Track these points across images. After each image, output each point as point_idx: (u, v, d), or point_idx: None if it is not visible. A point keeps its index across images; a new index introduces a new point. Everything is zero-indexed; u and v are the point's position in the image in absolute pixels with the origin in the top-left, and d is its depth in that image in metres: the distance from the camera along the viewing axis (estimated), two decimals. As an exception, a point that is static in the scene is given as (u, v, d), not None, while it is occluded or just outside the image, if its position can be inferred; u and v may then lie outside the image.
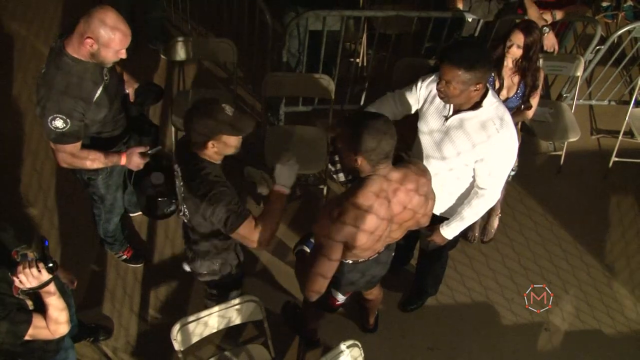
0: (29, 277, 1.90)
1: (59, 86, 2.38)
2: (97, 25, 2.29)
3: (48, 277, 1.95)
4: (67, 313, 2.10)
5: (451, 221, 2.73)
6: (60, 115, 2.39)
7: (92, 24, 2.29)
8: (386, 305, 3.48)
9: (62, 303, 2.08)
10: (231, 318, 2.66)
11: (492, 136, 2.39)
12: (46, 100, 2.39)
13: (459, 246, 3.68)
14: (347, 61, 4.07)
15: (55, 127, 2.42)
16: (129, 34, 2.37)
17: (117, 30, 2.32)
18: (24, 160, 3.83)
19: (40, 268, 1.92)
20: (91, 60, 2.41)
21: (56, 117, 2.39)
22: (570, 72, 3.98)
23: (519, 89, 3.23)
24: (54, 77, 2.39)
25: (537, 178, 4.14)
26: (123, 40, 2.36)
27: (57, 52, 2.41)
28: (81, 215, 3.53)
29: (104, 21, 2.30)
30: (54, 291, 2.02)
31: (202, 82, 4.26)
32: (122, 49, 2.38)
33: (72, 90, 2.40)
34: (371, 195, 2.13)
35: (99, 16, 2.30)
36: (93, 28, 2.30)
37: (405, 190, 2.21)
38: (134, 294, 3.40)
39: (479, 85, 2.30)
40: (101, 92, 2.51)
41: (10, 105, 4.06)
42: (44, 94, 2.40)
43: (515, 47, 3.07)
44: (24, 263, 1.90)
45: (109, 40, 2.32)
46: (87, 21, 2.30)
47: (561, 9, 3.78)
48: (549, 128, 3.95)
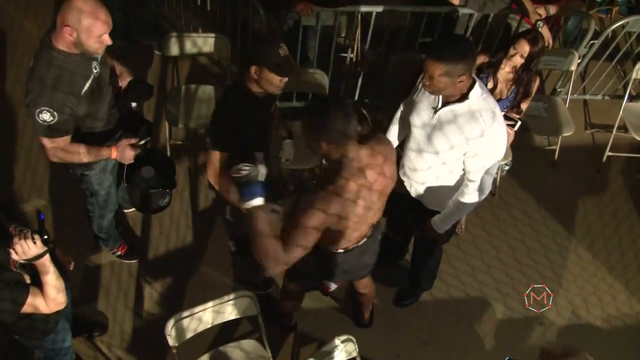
0: (24, 248, 1.95)
1: (46, 79, 2.37)
2: (74, 13, 2.27)
3: (43, 248, 2.00)
4: (63, 288, 2.15)
5: (443, 214, 2.74)
6: (47, 108, 2.37)
7: (69, 13, 2.27)
8: (381, 300, 3.48)
9: (59, 278, 2.12)
10: (225, 313, 2.67)
11: (485, 131, 2.40)
12: (34, 93, 2.38)
13: (454, 241, 3.69)
14: (341, 56, 4.06)
15: (42, 120, 2.39)
16: (108, 18, 2.34)
17: (95, 15, 2.29)
18: (17, 156, 3.81)
19: (35, 239, 1.97)
20: (76, 50, 2.38)
21: (43, 110, 2.37)
22: (564, 66, 3.98)
23: (511, 93, 3.23)
24: (41, 70, 2.38)
25: (531, 172, 4.15)
26: (102, 26, 2.32)
27: (44, 46, 2.40)
28: (75, 211, 3.51)
29: (80, 8, 2.27)
30: (50, 264, 2.07)
31: (196, 77, 4.24)
32: (104, 34, 2.35)
33: (59, 84, 2.38)
34: (347, 177, 2.16)
35: (75, 4, 2.27)
36: (70, 16, 2.27)
37: (376, 163, 2.24)
38: (129, 290, 3.39)
39: (462, 77, 2.32)
40: (90, 85, 2.49)
41: (3, 100, 4.04)
42: (31, 87, 2.39)
43: (519, 56, 3.07)
44: (20, 234, 1.95)
45: (88, 26, 2.29)
46: (65, 10, 2.28)
47: (555, 4, 3.77)
48: (543, 123, 3.95)
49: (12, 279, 2.04)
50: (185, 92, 3.72)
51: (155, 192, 2.78)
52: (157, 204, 2.84)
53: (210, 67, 4.37)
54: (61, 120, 2.42)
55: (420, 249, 3.26)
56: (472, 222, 3.84)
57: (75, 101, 2.45)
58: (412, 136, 2.64)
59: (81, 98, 2.47)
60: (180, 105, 3.66)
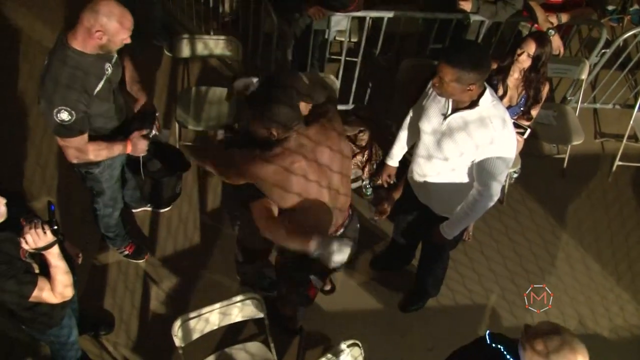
0: (34, 237, 1.99)
1: (62, 79, 2.40)
2: (105, 18, 2.35)
3: (53, 238, 2.04)
4: (71, 279, 2.18)
5: (451, 220, 2.74)
6: (65, 108, 2.41)
7: (99, 18, 2.35)
8: (386, 305, 3.48)
9: (67, 269, 2.15)
10: (232, 315, 2.67)
11: (494, 137, 2.40)
12: (51, 93, 2.41)
13: (461, 247, 3.68)
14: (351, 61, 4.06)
15: (61, 120, 2.43)
16: (131, 19, 2.45)
17: (123, 19, 2.40)
18: (28, 154, 3.83)
19: (45, 229, 2.01)
20: (98, 51, 2.45)
21: (61, 110, 2.41)
22: (575, 75, 3.97)
23: (521, 99, 3.23)
24: (56, 68, 2.42)
25: (540, 180, 4.14)
26: (129, 28, 2.43)
27: (60, 45, 2.44)
28: (84, 210, 3.53)
29: (111, 13, 2.36)
30: (59, 254, 2.10)
31: (206, 79, 4.26)
32: (127, 36, 2.46)
33: (73, 82, 2.42)
34: (290, 152, 2.23)
35: (104, 9, 2.36)
36: (101, 21, 2.35)
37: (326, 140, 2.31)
38: (136, 289, 3.40)
39: (472, 86, 2.32)
40: (103, 85, 2.53)
41: (15, 98, 4.07)
42: (48, 87, 2.42)
43: (526, 55, 3.07)
44: (30, 224, 2.00)
45: (117, 30, 2.39)
46: (94, 15, 2.35)
47: (567, 12, 3.77)
48: (553, 131, 3.94)
49: (21, 268, 2.08)
50: (196, 94, 3.74)
51: (166, 180, 2.82)
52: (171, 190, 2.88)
53: (220, 69, 4.38)
54: (78, 119, 2.46)
55: (428, 255, 3.25)
56: (479, 229, 3.83)
57: (88, 100, 2.48)
58: (422, 142, 2.64)
59: (94, 97, 2.50)
60: (190, 106, 3.67)
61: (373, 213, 3.68)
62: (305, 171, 2.26)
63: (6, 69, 4.22)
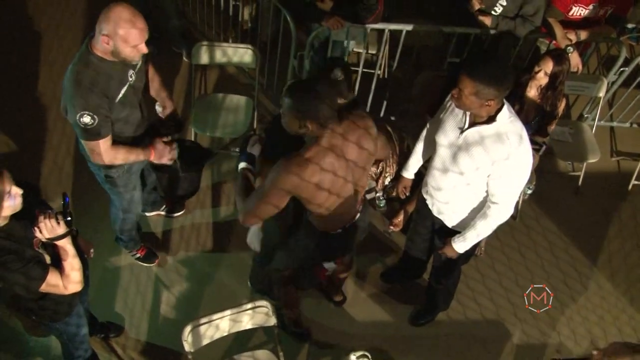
0: (48, 227, 2.06)
1: (85, 83, 2.41)
2: (112, 22, 2.31)
3: (66, 229, 2.10)
4: (81, 272, 2.22)
5: (463, 235, 2.73)
6: (88, 112, 2.41)
7: (107, 21, 2.32)
8: (397, 318, 3.47)
9: (78, 262, 2.19)
10: (242, 322, 2.67)
11: (511, 153, 2.39)
12: (73, 96, 2.42)
13: (472, 262, 3.66)
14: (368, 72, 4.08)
15: (84, 124, 2.44)
16: (145, 28, 2.38)
17: (132, 24, 2.33)
18: (45, 154, 3.88)
19: (59, 220, 2.07)
20: (113, 58, 2.43)
21: (84, 114, 2.41)
22: (592, 92, 3.96)
23: (537, 115, 3.22)
24: (78, 72, 2.42)
25: (554, 198, 4.11)
26: (139, 35, 2.36)
27: (83, 51, 2.45)
28: (98, 212, 3.56)
29: (119, 17, 2.31)
30: (70, 246, 2.15)
31: (223, 86, 4.30)
32: (140, 44, 2.39)
33: (97, 88, 2.43)
34: (325, 150, 2.24)
35: (113, 13, 2.31)
36: (108, 25, 2.32)
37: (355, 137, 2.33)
38: (147, 293, 3.42)
39: (490, 102, 2.32)
40: (126, 91, 2.54)
41: (35, 99, 4.13)
42: (70, 91, 2.43)
43: (543, 73, 3.07)
44: (44, 214, 2.06)
45: (125, 35, 2.33)
46: (103, 19, 2.33)
47: (586, 29, 3.76)
48: (569, 148, 3.92)
49: (33, 257, 2.11)
50: (213, 101, 3.77)
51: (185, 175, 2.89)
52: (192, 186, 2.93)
53: (238, 77, 4.42)
54: (101, 122, 2.46)
55: (439, 268, 3.24)
56: (491, 245, 3.81)
57: (111, 105, 2.49)
58: (438, 155, 2.63)
59: (116, 103, 2.52)
60: (207, 113, 3.70)
61: (387, 225, 3.68)
62: (335, 168, 2.28)
63: (26, 71, 4.28)
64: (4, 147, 3.86)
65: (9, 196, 2.00)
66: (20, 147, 3.89)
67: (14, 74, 4.26)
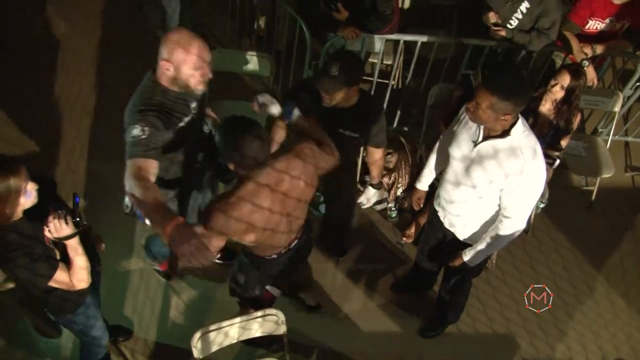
0: (57, 227, 2.10)
1: (142, 101, 2.30)
2: (170, 46, 2.21)
3: (74, 230, 2.14)
4: (88, 271, 2.26)
5: (475, 248, 2.71)
6: (140, 125, 2.23)
7: (165, 46, 2.22)
8: (406, 329, 3.45)
9: (85, 260, 2.23)
10: (252, 330, 2.67)
11: (524, 167, 2.37)
12: (129, 114, 2.30)
13: (483, 275, 3.64)
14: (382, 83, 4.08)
15: (133, 137, 2.22)
16: (205, 50, 2.26)
17: (190, 46, 2.22)
18: (59, 158, 3.91)
19: (68, 221, 2.11)
20: (177, 87, 2.32)
21: (136, 126, 2.23)
22: (607, 107, 3.93)
23: (551, 129, 3.20)
24: (140, 95, 2.32)
25: (566, 212, 4.08)
26: (198, 60, 2.24)
27: (147, 83, 2.35)
28: (111, 214, 3.59)
29: (176, 40, 2.21)
30: (78, 245, 2.19)
31: (237, 93, 4.31)
32: (201, 69, 2.27)
33: (158, 113, 2.30)
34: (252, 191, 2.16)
35: (171, 37, 2.23)
36: (166, 49, 2.22)
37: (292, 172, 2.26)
38: (156, 297, 3.43)
39: (507, 116, 2.30)
40: (185, 125, 2.40)
41: (50, 103, 4.18)
42: (128, 115, 2.31)
43: (559, 87, 3.06)
44: (54, 214, 2.10)
45: (183, 58, 2.22)
46: (162, 44, 2.23)
47: (602, 43, 3.75)
48: (582, 162, 3.90)
49: (44, 253, 2.14)
50: (226, 107, 3.78)
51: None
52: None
53: (252, 84, 4.43)
54: (149, 139, 2.24)
55: (449, 281, 3.22)
56: (503, 258, 3.79)
57: (165, 134, 2.32)
58: (451, 167, 2.63)
59: (172, 134, 2.36)
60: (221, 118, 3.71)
61: (398, 237, 3.68)
62: (271, 204, 2.22)
63: (41, 76, 4.33)
64: (19, 149, 3.90)
65: (25, 191, 2.03)
66: (34, 150, 3.93)
67: (29, 78, 4.30)
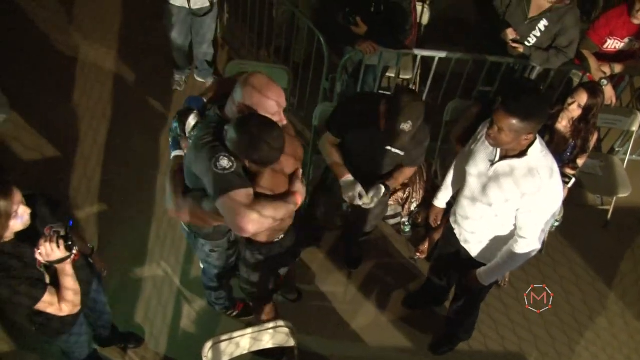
0: (48, 251, 2.05)
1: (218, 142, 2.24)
2: (247, 90, 2.23)
3: (66, 254, 2.08)
4: (78, 295, 2.22)
5: (489, 267, 2.70)
6: (225, 154, 2.19)
7: (242, 89, 2.24)
8: (417, 345, 3.43)
9: (75, 284, 2.19)
10: (263, 341, 2.67)
11: (541, 187, 2.36)
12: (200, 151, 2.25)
13: (496, 293, 3.61)
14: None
15: (222, 169, 2.17)
16: (281, 97, 2.28)
17: (267, 93, 2.23)
18: (76, 164, 3.94)
19: (60, 244, 2.05)
20: None
21: (220, 157, 2.18)
22: (625, 126, 3.91)
23: (567, 147, 3.19)
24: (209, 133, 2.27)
25: (581, 231, 4.04)
26: (271, 104, 2.25)
27: (214, 119, 2.33)
28: (125, 221, 3.61)
29: (253, 85, 2.23)
30: (70, 269, 2.15)
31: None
32: (278, 115, 2.28)
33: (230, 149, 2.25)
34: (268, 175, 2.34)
35: (249, 81, 2.24)
36: (243, 92, 2.23)
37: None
38: (168, 306, 3.44)
39: (530, 135, 2.30)
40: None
41: (71, 109, 4.21)
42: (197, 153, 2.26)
43: (576, 105, 3.05)
44: (46, 237, 2.05)
45: (258, 103, 2.23)
46: (238, 86, 2.25)
47: (620, 63, 3.73)
48: (599, 181, 3.87)
49: (33, 276, 2.12)
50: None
51: None
52: None
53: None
54: (239, 169, 2.22)
55: (461, 298, 3.20)
56: (516, 276, 3.76)
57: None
58: (467, 184, 2.62)
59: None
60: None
61: (412, 252, 3.67)
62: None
63: (61, 82, 4.38)
64: (36, 154, 3.94)
65: (15, 215, 1.99)
66: (52, 155, 3.97)
67: (49, 84, 4.35)
